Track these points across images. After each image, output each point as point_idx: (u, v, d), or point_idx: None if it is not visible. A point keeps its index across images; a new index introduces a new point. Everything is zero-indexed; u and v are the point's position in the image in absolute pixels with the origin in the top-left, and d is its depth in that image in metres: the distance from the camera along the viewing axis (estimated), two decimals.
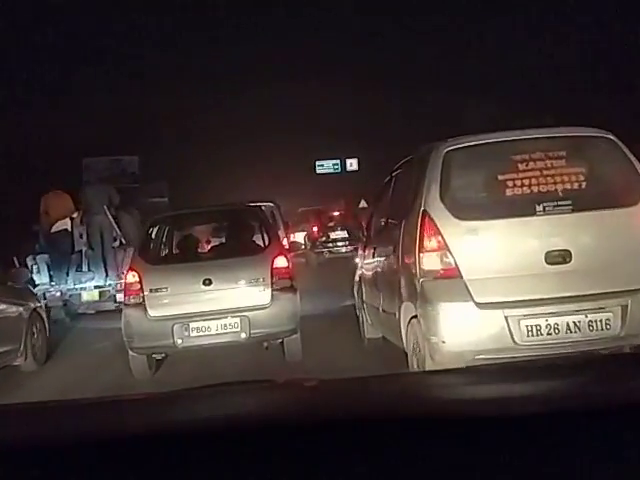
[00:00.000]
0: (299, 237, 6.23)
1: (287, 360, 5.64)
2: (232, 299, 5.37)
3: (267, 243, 5.88)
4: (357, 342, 6.12)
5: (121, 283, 7.53)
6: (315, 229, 15.69)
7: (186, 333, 5.27)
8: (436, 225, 3.77)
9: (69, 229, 9.76)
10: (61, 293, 9.09)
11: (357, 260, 6.28)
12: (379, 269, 5.09)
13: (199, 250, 6.55)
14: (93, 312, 9.10)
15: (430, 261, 3.78)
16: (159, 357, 5.73)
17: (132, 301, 5.34)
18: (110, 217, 9.46)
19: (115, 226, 9.49)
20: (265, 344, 5.72)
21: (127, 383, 5.41)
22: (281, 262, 5.50)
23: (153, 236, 6.18)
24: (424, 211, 3.84)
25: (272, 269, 5.43)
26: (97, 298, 9.09)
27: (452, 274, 3.73)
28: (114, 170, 23.61)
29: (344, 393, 1.34)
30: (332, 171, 37.97)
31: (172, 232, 6.77)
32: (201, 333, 5.30)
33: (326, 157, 37.93)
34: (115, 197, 9.70)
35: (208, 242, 7.15)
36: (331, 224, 17.19)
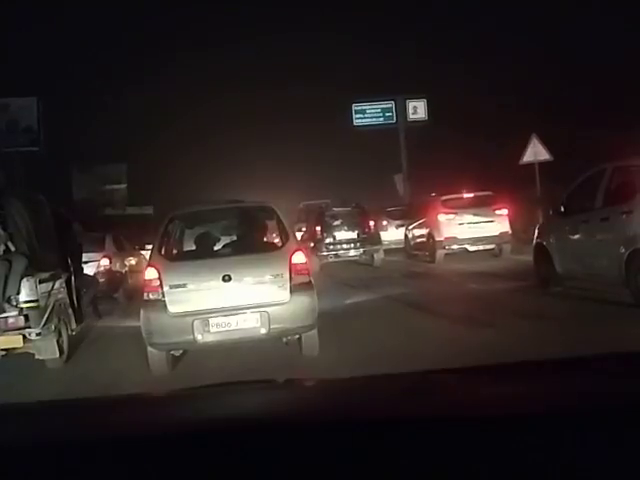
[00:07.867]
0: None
1: (304, 354, 5.76)
2: (251, 295, 5.44)
3: (283, 240, 5.95)
4: None
5: (7, 318, 5.62)
6: (318, 229, 13.96)
7: (206, 329, 5.31)
8: None
9: None
10: None
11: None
12: None
13: (215, 247, 6.53)
14: None
15: None
16: (177, 354, 5.72)
17: (152, 297, 5.32)
18: None
19: None
20: (284, 339, 5.82)
21: None
22: (299, 258, 5.60)
23: (170, 232, 6.12)
24: None
25: (291, 265, 5.52)
26: None
27: None
28: None
29: (344, 393, 1.35)
30: (382, 122, 22.42)
31: (187, 228, 6.72)
32: (221, 329, 5.35)
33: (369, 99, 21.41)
34: None
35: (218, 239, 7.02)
36: (337, 223, 14.47)
